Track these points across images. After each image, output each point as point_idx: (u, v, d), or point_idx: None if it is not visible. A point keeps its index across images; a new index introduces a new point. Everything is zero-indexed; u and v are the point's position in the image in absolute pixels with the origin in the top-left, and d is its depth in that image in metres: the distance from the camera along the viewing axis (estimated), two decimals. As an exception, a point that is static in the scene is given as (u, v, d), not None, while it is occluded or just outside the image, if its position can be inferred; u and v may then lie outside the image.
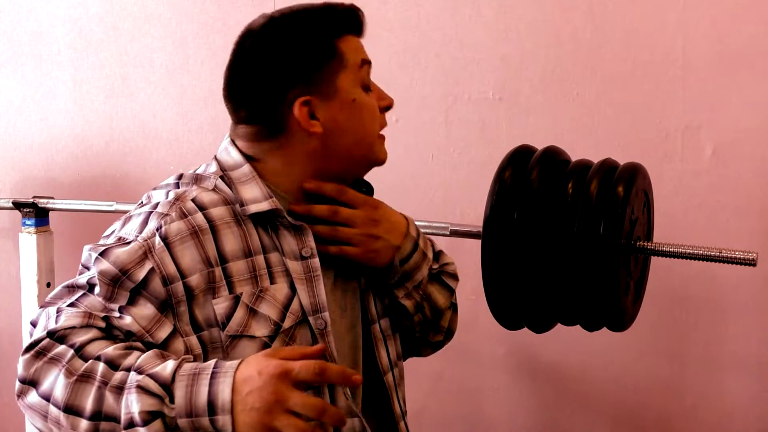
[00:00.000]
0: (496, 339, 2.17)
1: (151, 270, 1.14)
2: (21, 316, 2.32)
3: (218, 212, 1.21)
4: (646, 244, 1.47)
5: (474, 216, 2.08)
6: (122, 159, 2.62)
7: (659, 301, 1.96)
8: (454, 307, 1.47)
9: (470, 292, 2.18)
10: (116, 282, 1.13)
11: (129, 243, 1.16)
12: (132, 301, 1.13)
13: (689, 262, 1.53)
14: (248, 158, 1.27)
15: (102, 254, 1.15)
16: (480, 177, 1.65)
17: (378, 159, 1.31)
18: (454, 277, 1.46)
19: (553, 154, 1.50)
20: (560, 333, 1.68)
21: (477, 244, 1.48)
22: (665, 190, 1.93)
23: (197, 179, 1.27)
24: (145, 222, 1.19)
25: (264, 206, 1.21)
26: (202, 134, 2.51)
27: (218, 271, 1.18)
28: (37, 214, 2.31)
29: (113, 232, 1.22)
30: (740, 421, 2.02)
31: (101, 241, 1.22)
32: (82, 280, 1.15)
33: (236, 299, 1.18)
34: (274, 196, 1.23)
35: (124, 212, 2.30)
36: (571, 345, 2.10)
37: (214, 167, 1.28)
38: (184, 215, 1.18)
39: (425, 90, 2.21)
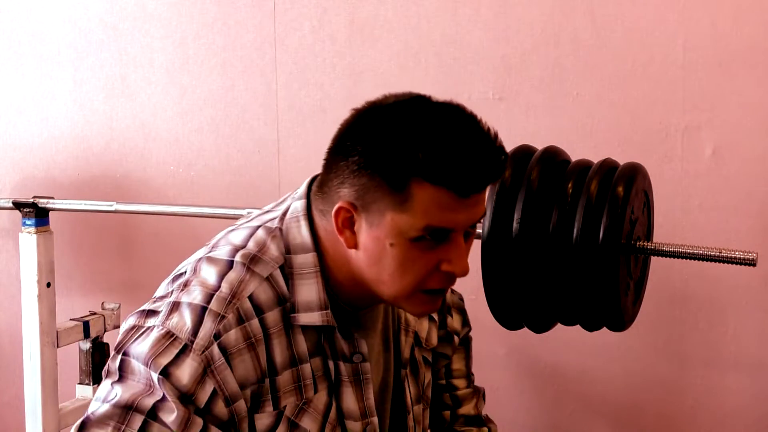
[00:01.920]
0: (496, 339, 2.17)
1: (214, 392, 1.05)
2: (21, 316, 2.31)
3: (273, 317, 1.10)
4: (646, 244, 1.47)
5: (474, 216, 2.08)
6: (122, 159, 2.62)
7: (659, 301, 1.96)
8: None
9: (470, 292, 2.17)
10: (186, 404, 1.03)
11: (184, 351, 1.04)
12: (206, 429, 1.04)
13: (689, 262, 1.53)
14: (315, 241, 1.13)
15: (165, 373, 1.03)
16: (480, 177, 1.65)
17: (403, 309, 1.19)
18: None
19: (553, 154, 1.50)
20: (560, 333, 1.68)
21: (477, 244, 1.48)
22: (665, 190, 1.93)
23: (254, 261, 1.12)
24: (199, 320, 1.06)
25: (316, 320, 1.11)
26: (202, 134, 2.51)
27: (267, 383, 1.10)
28: (37, 214, 2.31)
29: (152, 310, 1.10)
30: (740, 421, 2.02)
31: (134, 322, 1.10)
32: (146, 403, 1.02)
33: (279, 415, 1.11)
34: (329, 308, 1.12)
35: (124, 212, 2.33)
36: (571, 345, 2.10)
37: (275, 248, 1.13)
38: (240, 320, 1.08)
39: (425, 90, 2.20)
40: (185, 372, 1.03)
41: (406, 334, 1.28)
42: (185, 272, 1.14)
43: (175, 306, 1.08)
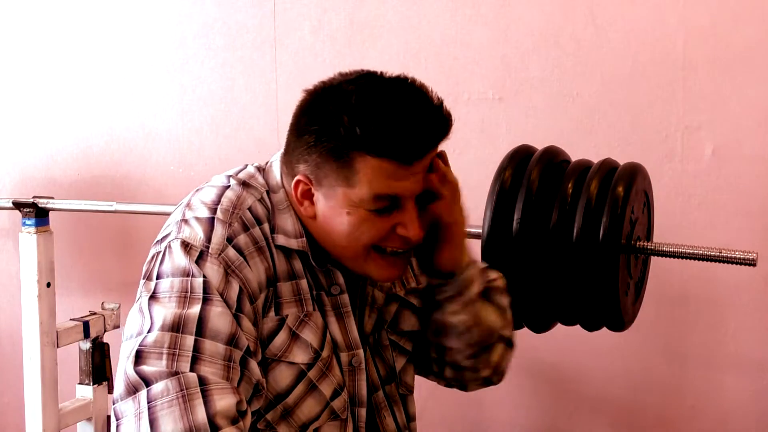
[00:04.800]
0: (496, 339, 2.17)
1: (240, 290, 1.09)
2: (21, 316, 2.31)
3: (268, 229, 1.15)
4: (646, 244, 1.47)
5: (474, 216, 2.07)
6: (122, 159, 2.62)
7: (659, 301, 1.96)
8: (507, 341, 1.34)
9: (470, 292, 2.18)
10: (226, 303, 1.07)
11: (201, 257, 1.08)
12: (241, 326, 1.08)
13: (689, 262, 1.53)
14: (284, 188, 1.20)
15: (197, 273, 1.07)
16: (480, 177, 1.65)
17: (368, 276, 1.19)
18: (504, 292, 1.33)
19: (553, 154, 1.50)
20: (560, 333, 1.68)
21: (477, 244, 1.48)
22: (665, 190, 1.93)
23: (246, 184, 1.19)
24: (209, 228, 1.11)
25: (292, 244, 1.16)
26: (202, 134, 2.51)
27: (273, 289, 1.14)
28: (37, 214, 2.31)
29: (168, 234, 1.13)
30: (740, 421, 2.02)
31: (155, 251, 1.13)
32: (190, 316, 1.05)
33: (282, 321, 1.14)
34: (304, 236, 1.17)
35: (124, 212, 2.33)
36: (571, 345, 2.10)
37: (261, 180, 1.21)
38: (246, 227, 1.12)
39: (425, 90, 2.20)
40: (210, 274, 1.08)
41: (371, 310, 1.27)
42: (170, 232, 1.14)
43: (184, 222, 1.13)
